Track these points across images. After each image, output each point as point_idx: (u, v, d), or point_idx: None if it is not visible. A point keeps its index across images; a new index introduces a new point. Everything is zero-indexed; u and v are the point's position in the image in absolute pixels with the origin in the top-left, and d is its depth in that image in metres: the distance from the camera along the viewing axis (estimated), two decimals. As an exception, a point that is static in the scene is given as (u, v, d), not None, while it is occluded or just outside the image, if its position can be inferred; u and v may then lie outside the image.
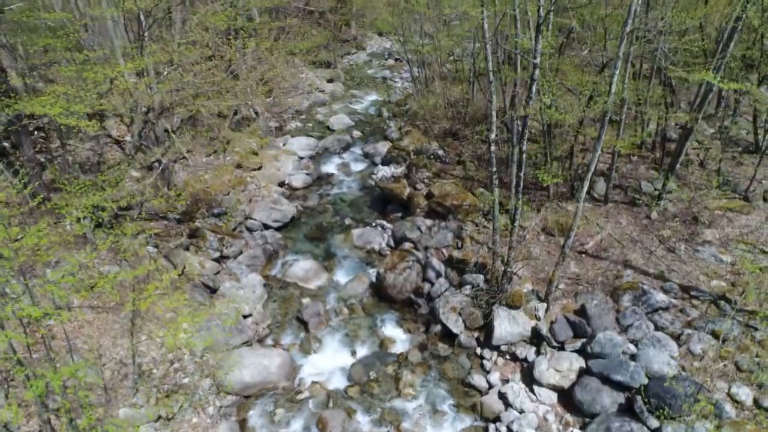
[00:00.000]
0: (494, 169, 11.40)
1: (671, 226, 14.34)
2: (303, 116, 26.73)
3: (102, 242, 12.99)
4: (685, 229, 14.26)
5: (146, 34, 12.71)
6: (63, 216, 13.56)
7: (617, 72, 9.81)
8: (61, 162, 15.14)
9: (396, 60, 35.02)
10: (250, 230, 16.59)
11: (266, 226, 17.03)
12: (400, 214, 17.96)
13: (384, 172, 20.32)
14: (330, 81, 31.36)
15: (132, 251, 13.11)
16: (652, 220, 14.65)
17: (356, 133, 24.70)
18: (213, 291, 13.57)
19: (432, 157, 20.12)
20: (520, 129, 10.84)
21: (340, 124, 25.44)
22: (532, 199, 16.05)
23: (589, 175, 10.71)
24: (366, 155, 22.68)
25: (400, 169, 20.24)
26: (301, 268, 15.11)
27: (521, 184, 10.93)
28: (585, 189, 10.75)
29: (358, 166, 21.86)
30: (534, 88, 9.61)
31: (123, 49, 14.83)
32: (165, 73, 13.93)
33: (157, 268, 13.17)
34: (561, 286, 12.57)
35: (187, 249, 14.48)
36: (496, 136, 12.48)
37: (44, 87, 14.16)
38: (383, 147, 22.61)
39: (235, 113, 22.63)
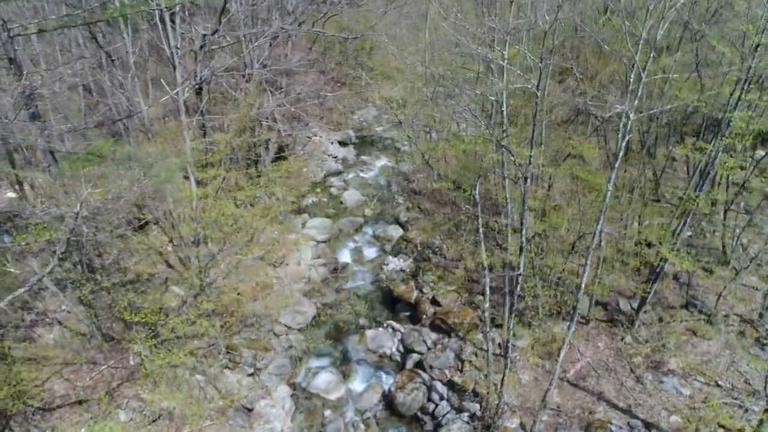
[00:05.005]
0: (489, 332, 13.74)
1: (642, 351, 16.63)
2: (318, 189, 29.01)
3: (159, 376, 15.54)
4: (654, 354, 16.55)
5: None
6: (127, 350, 16.14)
7: (586, 273, 12.07)
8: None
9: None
10: (276, 335, 19.03)
11: (290, 328, 19.47)
12: (408, 314, 20.41)
13: (393, 264, 22.73)
14: (341, 144, 33.56)
15: (183, 381, 15.63)
16: (626, 343, 16.95)
17: (368, 211, 27.01)
18: (250, 410, 16.05)
19: (437, 251, 22.45)
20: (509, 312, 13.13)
21: (352, 200, 27.73)
22: (524, 312, 18.36)
23: (567, 340, 13.04)
24: (377, 238, 25.00)
25: (408, 262, 22.65)
26: (323, 380, 17.55)
27: (509, 354, 13.27)
28: (564, 350, 13.07)
29: (370, 253, 24.18)
30: (516, 296, 11.92)
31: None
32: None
33: (206, 397, 15.71)
34: (544, 417, 14.95)
35: (227, 367, 16.95)
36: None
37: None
38: (393, 231, 25.00)
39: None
